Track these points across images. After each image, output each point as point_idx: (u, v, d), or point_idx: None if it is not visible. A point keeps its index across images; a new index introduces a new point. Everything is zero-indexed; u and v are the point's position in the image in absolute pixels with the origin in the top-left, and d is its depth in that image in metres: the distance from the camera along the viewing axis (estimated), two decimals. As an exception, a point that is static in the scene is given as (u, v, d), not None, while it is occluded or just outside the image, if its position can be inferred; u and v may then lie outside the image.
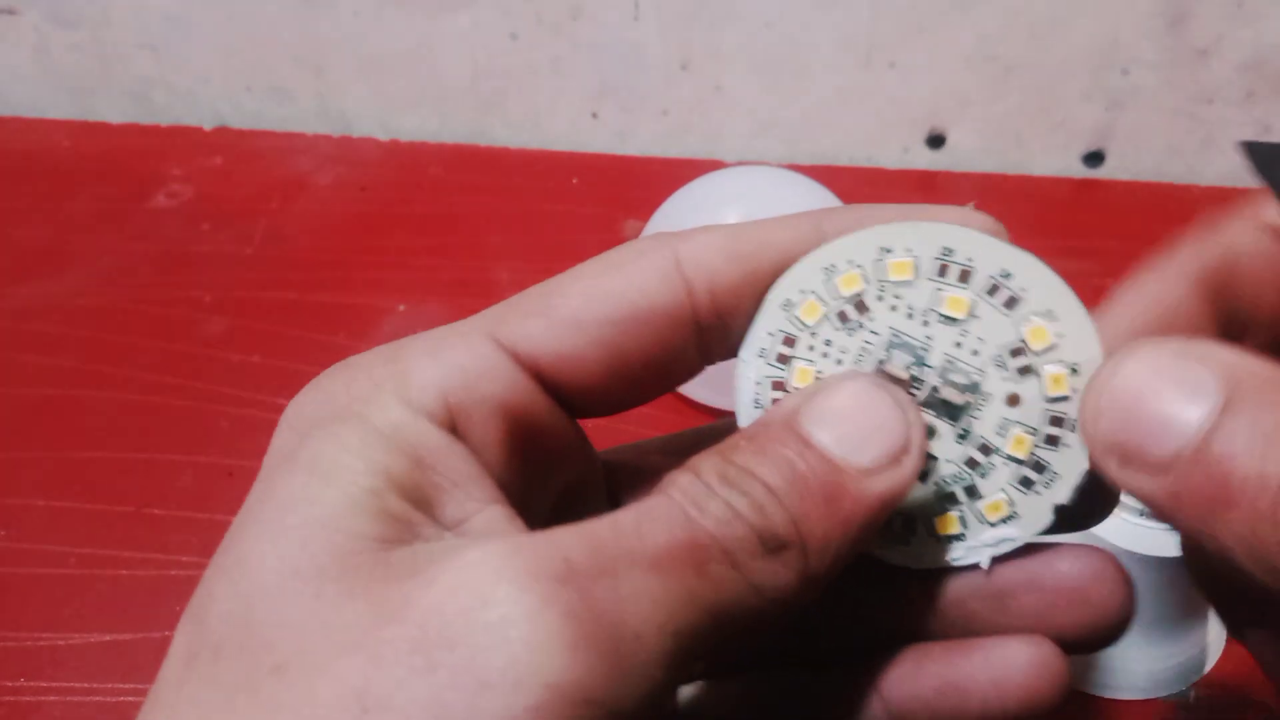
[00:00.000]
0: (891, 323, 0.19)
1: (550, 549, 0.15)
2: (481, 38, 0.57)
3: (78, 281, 0.50)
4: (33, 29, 0.59)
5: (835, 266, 0.19)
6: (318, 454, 0.16)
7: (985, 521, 0.19)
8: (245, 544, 0.16)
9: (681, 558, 0.15)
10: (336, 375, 0.18)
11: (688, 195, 0.42)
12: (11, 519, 0.39)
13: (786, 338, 0.19)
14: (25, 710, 0.33)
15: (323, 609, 0.15)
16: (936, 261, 0.18)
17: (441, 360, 0.18)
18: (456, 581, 0.14)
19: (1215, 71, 0.54)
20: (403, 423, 0.17)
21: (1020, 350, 0.18)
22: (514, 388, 0.18)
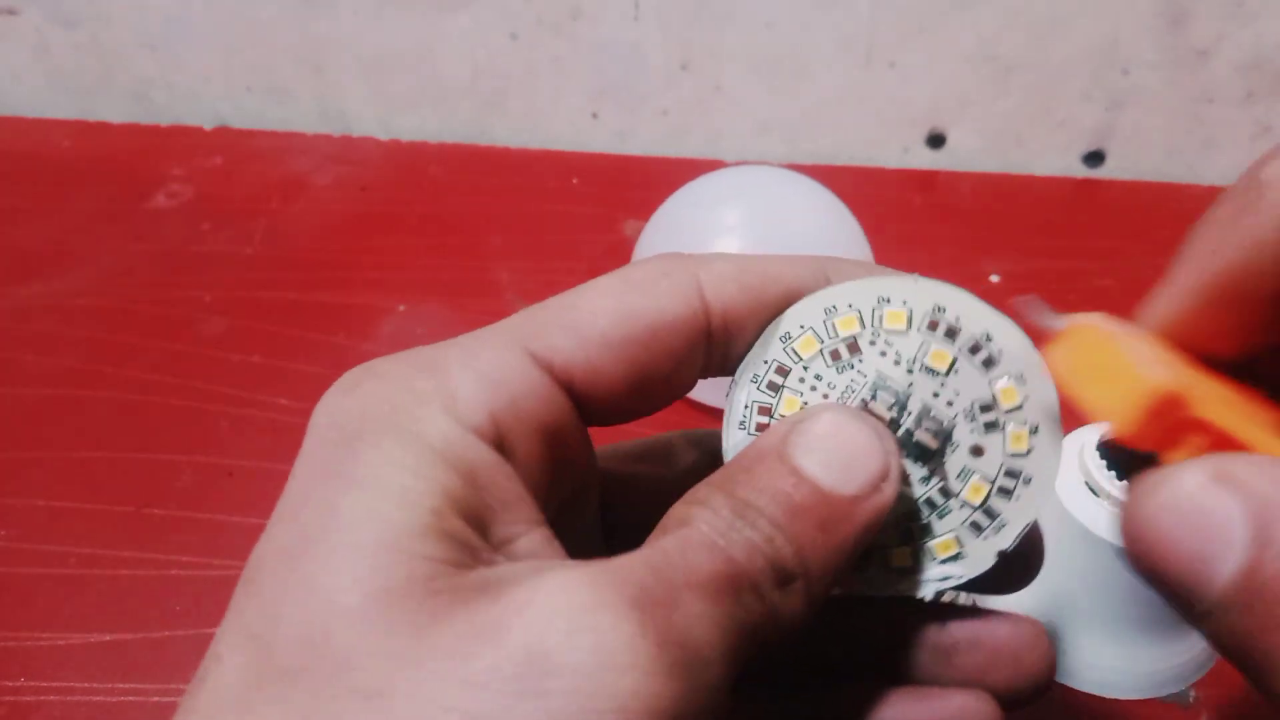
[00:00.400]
0: (879, 366, 0.20)
1: (629, 576, 0.15)
2: (481, 38, 0.57)
3: (78, 281, 0.50)
4: (33, 29, 0.59)
5: (836, 308, 0.20)
6: (379, 471, 0.16)
7: (934, 559, 0.20)
8: (314, 564, 0.15)
9: (725, 586, 0.16)
10: (372, 383, 0.18)
11: (688, 195, 0.42)
12: (11, 519, 0.39)
13: (780, 367, 0.20)
14: (25, 710, 0.33)
15: (412, 634, 0.15)
16: (928, 316, 0.20)
17: (485, 376, 0.18)
18: (553, 606, 0.15)
19: (1215, 71, 0.54)
20: (456, 441, 0.17)
21: (990, 406, 0.20)
22: (551, 405, 0.18)
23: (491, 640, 0.14)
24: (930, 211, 0.55)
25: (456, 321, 0.47)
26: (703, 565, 0.16)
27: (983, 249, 0.52)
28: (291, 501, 0.17)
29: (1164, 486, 0.15)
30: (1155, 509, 0.15)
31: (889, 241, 0.45)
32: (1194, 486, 0.15)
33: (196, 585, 0.37)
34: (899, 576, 0.20)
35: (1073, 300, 0.49)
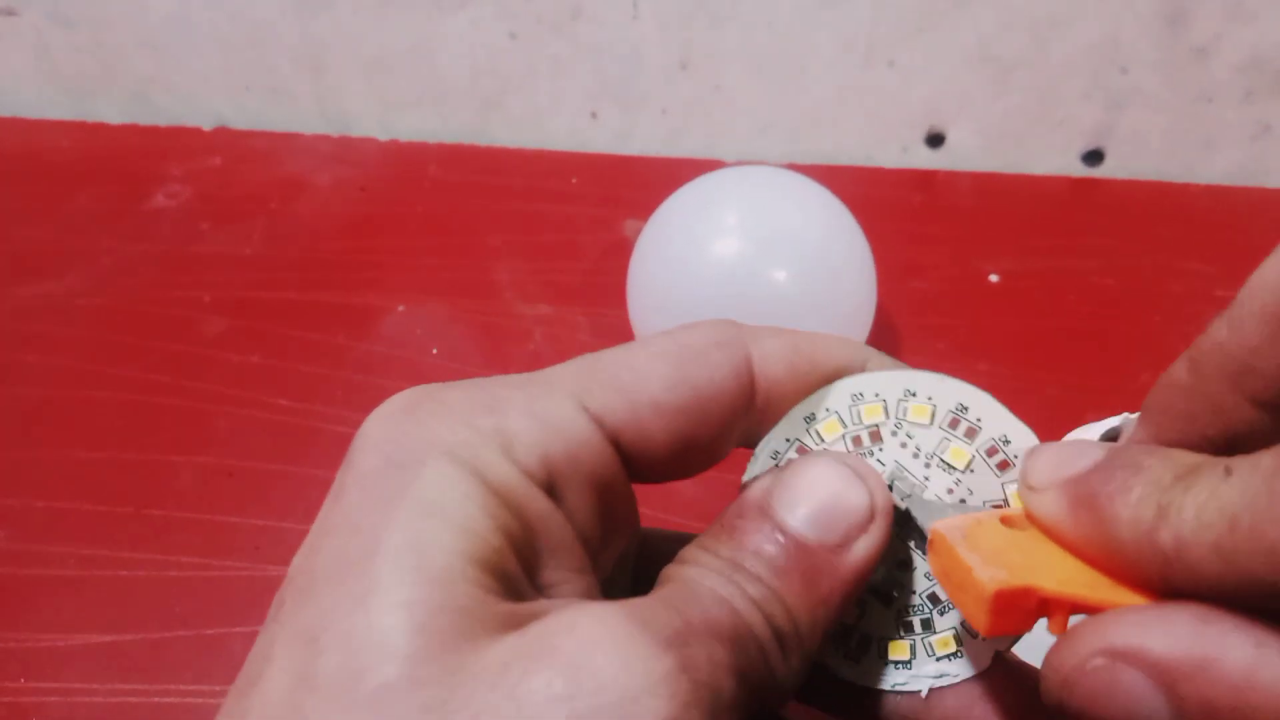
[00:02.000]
0: (898, 457, 0.20)
1: (659, 617, 0.16)
2: (481, 37, 0.57)
3: (78, 281, 0.50)
4: (33, 29, 0.59)
5: (863, 395, 0.21)
6: (445, 499, 0.17)
7: (932, 654, 0.20)
8: (372, 578, 0.16)
9: (735, 636, 0.17)
10: (434, 410, 0.18)
11: (688, 195, 0.42)
12: (11, 519, 0.39)
13: (801, 447, 0.21)
14: (25, 710, 0.33)
15: (467, 653, 0.15)
16: (950, 414, 0.20)
17: (543, 423, 0.18)
18: (599, 631, 0.15)
19: (1215, 71, 0.54)
20: (516, 485, 0.17)
21: (1001, 507, 0.20)
22: (604, 460, 0.19)
23: (544, 660, 0.15)
24: (930, 211, 0.55)
25: (456, 322, 0.47)
26: (717, 616, 0.17)
27: (982, 248, 0.52)
28: (353, 512, 0.17)
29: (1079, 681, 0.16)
30: (1082, 700, 0.16)
31: (889, 241, 0.45)
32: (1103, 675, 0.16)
33: (196, 585, 0.37)
34: (895, 669, 0.21)
35: (1072, 300, 0.49)
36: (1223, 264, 0.51)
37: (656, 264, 0.41)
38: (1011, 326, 0.48)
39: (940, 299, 0.49)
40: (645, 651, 0.15)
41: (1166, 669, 0.15)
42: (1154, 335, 0.47)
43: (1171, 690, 0.15)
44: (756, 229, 0.40)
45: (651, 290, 0.41)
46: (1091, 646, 0.16)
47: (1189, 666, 0.15)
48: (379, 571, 0.16)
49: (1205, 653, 0.15)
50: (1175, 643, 0.15)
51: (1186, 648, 0.15)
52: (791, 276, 0.39)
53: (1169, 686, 0.15)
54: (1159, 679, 0.15)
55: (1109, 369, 0.45)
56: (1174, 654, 0.15)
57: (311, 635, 0.16)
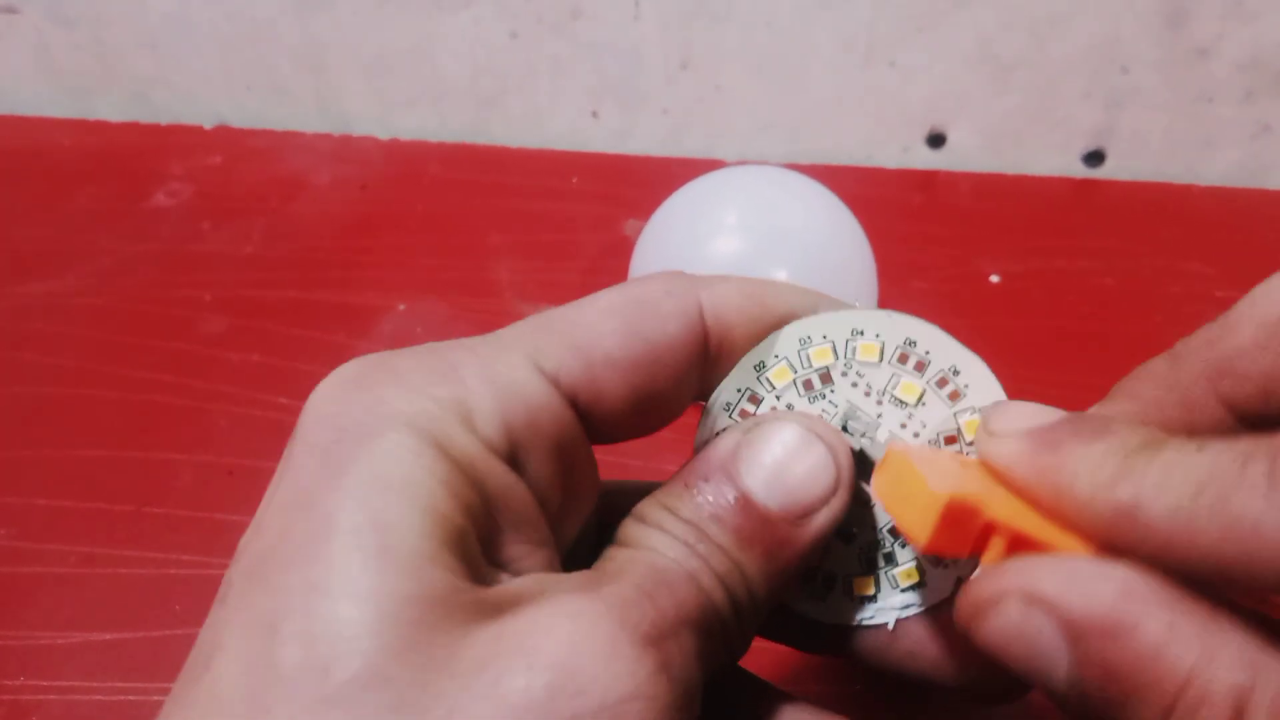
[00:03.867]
0: (850, 397, 0.20)
1: (639, 611, 0.16)
2: (481, 37, 0.57)
3: (78, 281, 0.50)
4: (33, 29, 0.59)
5: (810, 339, 0.20)
6: (405, 474, 0.16)
7: (897, 587, 0.21)
8: (330, 562, 0.15)
9: (703, 619, 0.17)
10: (387, 380, 0.17)
11: (688, 195, 0.42)
12: (11, 518, 0.39)
13: (753, 396, 0.21)
14: (25, 709, 0.33)
15: (439, 648, 0.14)
16: (898, 350, 0.20)
17: (501, 389, 0.17)
18: (580, 633, 0.15)
19: (1215, 71, 0.54)
20: (477, 457, 0.17)
21: (954, 438, 0.20)
22: (563, 422, 0.18)
23: (522, 660, 0.15)
24: (930, 211, 0.55)
25: (456, 321, 0.47)
26: (688, 599, 0.17)
27: (983, 248, 0.52)
28: (306, 489, 0.16)
29: (987, 617, 0.16)
30: (986, 633, 0.16)
31: (889, 241, 0.45)
32: (1012, 613, 0.16)
33: (196, 585, 0.37)
34: (861, 604, 0.21)
35: (1072, 300, 0.49)
36: (1223, 265, 0.51)
37: (656, 264, 0.41)
38: (1011, 327, 0.48)
39: (940, 299, 0.49)
40: (627, 653, 0.15)
41: (1078, 626, 0.15)
42: (1154, 336, 0.47)
43: (1077, 646, 0.15)
44: (757, 228, 0.40)
45: (651, 290, 0.41)
46: (1012, 584, 0.16)
47: (1102, 628, 0.15)
48: (339, 553, 0.15)
49: (1122, 619, 0.15)
50: (1095, 603, 0.15)
51: (1105, 610, 0.15)
52: (792, 276, 0.39)
53: (1075, 642, 0.15)
54: (1068, 633, 0.15)
55: (1109, 369, 0.45)
56: (1090, 613, 0.15)
57: (268, 623, 0.15)
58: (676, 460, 0.20)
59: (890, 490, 0.18)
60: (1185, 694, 0.14)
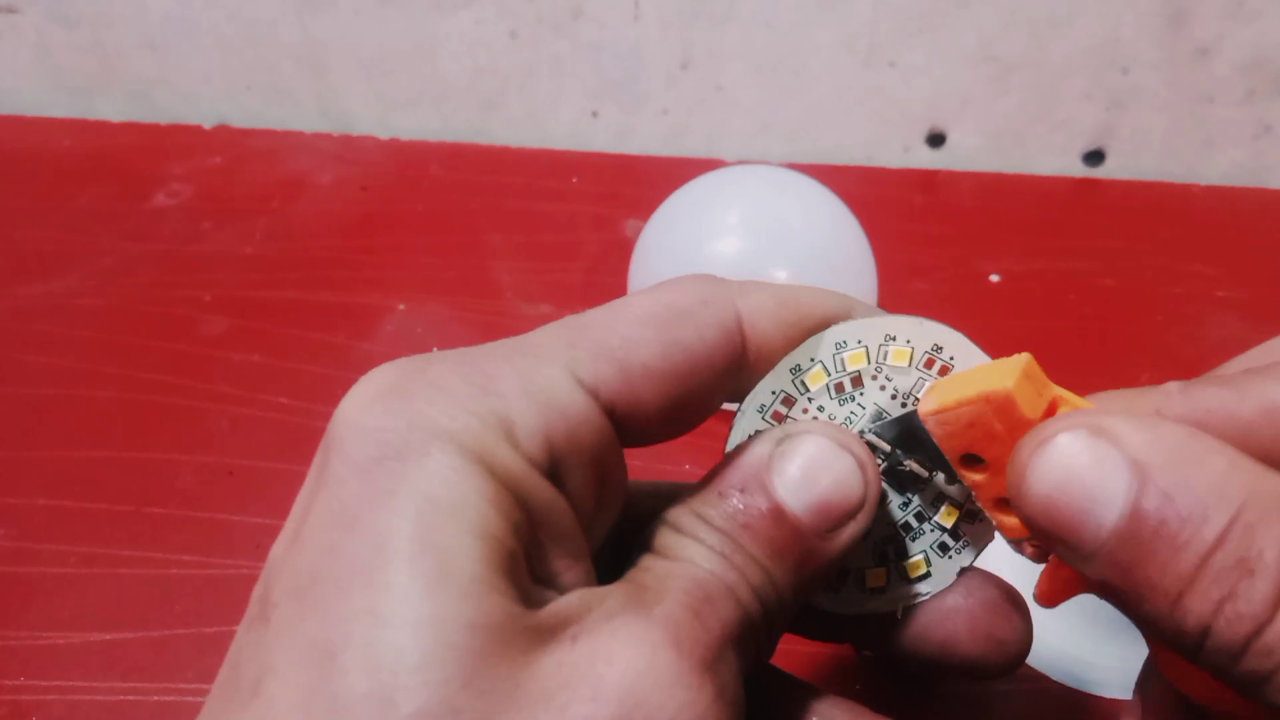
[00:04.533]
0: (877, 400, 0.21)
1: (693, 634, 0.16)
2: (481, 37, 0.57)
3: (78, 281, 0.50)
4: (33, 29, 0.59)
5: (846, 343, 0.21)
6: (456, 495, 0.15)
7: (905, 578, 0.22)
8: (389, 590, 0.14)
9: (743, 634, 0.18)
10: (425, 393, 0.16)
11: (688, 195, 0.42)
12: (11, 518, 0.39)
13: (786, 398, 0.21)
14: (25, 710, 0.33)
15: (502, 678, 0.14)
16: (926, 355, 0.21)
17: (542, 404, 0.17)
18: (642, 662, 0.15)
19: (1215, 71, 0.54)
20: (521, 474, 0.16)
21: None
22: (602, 435, 0.18)
23: (587, 690, 0.15)
24: (930, 211, 0.55)
25: (456, 321, 0.47)
26: (730, 616, 0.17)
27: (983, 248, 0.52)
28: (348, 507, 0.15)
29: (1048, 448, 0.16)
30: (1043, 468, 0.16)
31: (889, 241, 0.45)
32: (1076, 443, 0.16)
33: (196, 585, 0.37)
34: (872, 595, 0.22)
35: (1072, 300, 0.49)
36: (1224, 265, 0.51)
37: (656, 264, 0.41)
38: (1012, 326, 0.48)
39: (941, 299, 0.49)
40: (690, 680, 0.16)
41: (1144, 459, 0.16)
42: (1154, 336, 0.47)
43: (1140, 474, 0.16)
44: (757, 228, 0.40)
45: (652, 290, 0.41)
46: (1078, 421, 0.17)
47: (1169, 460, 0.16)
48: (396, 579, 0.14)
49: (1185, 454, 0.16)
50: (1163, 436, 0.16)
51: (1173, 444, 0.16)
52: (792, 276, 0.39)
53: (1140, 474, 0.16)
54: (1134, 466, 0.16)
55: (1109, 369, 0.45)
56: (1159, 445, 0.16)
57: (326, 649, 0.14)
58: (689, 458, 0.20)
59: (953, 389, 0.19)
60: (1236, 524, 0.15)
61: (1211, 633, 0.15)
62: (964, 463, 0.19)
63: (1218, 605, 0.15)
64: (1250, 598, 0.15)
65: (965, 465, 0.19)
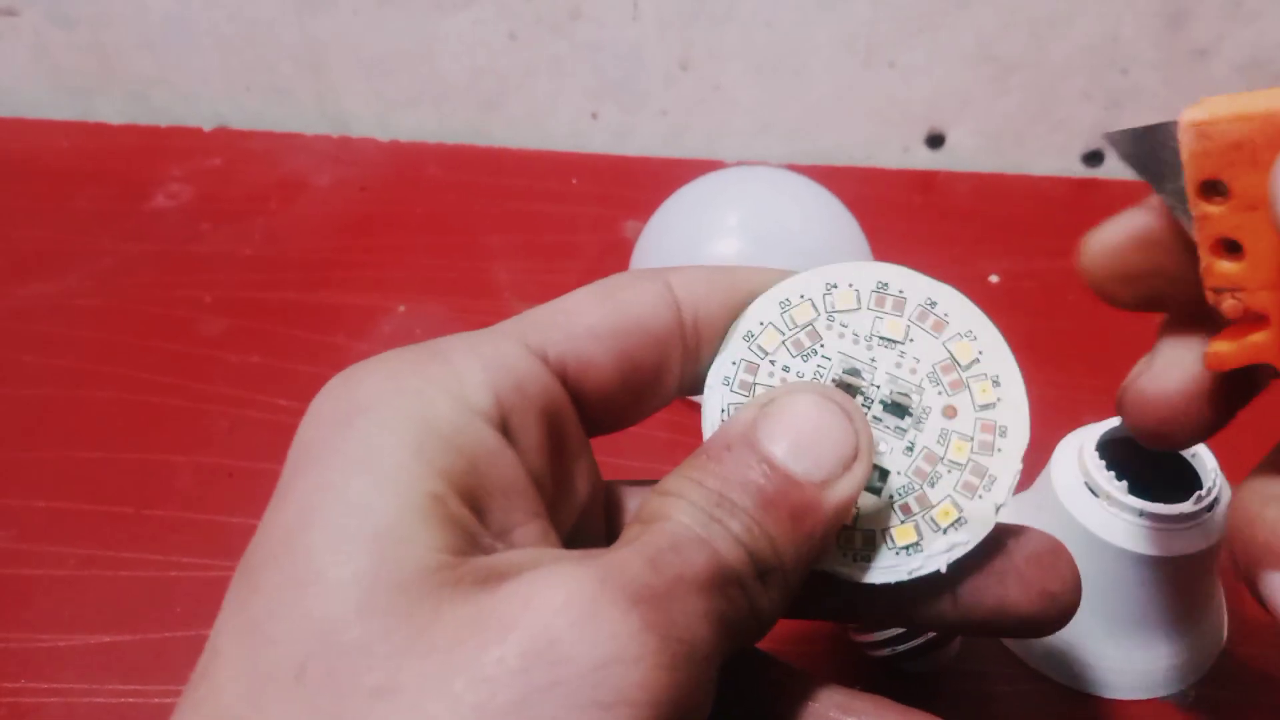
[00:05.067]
0: (840, 348, 0.21)
1: (629, 572, 0.16)
2: (481, 37, 0.57)
3: (78, 281, 0.50)
4: (33, 29, 0.59)
5: (789, 300, 0.21)
6: (376, 451, 0.16)
7: (938, 528, 0.20)
8: (313, 553, 0.15)
9: (715, 582, 0.17)
10: (375, 369, 0.18)
11: (688, 195, 0.42)
12: (11, 519, 0.39)
13: (749, 365, 0.21)
14: (25, 711, 0.33)
15: (416, 627, 0.15)
16: (874, 293, 0.21)
17: (490, 361, 0.18)
18: (559, 599, 0.15)
19: (1215, 71, 0.54)
20: (461, 423, 0.17)
21: (950, 366, 0.21)
22: (550, 391, 0.19)
23: (497, 633, 0.14)
24: (930, 211, 0.55)
25: (456, 321, 0.47)
26: (696, 561, 0.17)
27: (983, 249, 0.52)
28: (288, 486, 0.16)
29: None
30: None
31: (889, 241, 0.45)
32: None
33: (196, 586, 0.37)
34: (908, 555, 0.21)
35: (1072, 300, 0.49)
36: (1223, 264, 0.51)
37: (656, 265, 0.41)
38: (1011, 327, 0.48)
39: (940, 299, 0.49)
40: (610, 614, 0.15)
41: None
42: (1154, 336, 0.47)
43: None
44: (756, 229, 0.40)
45: (651, 290, 0.41)
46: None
47: None
48: (315, 545, 0.15)
49: None
50: None
51: None
52: (791, 277, 0.39)
53: None
54: None
55: (1109, 369, 0.45)
56: None
57: (255, 622, 0.15)
58: (676, 460, 0.20)
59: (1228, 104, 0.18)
60: None
61: None
62: (1203, 190, 0.18)
63: None
64: None
65: (1203, 193, 0.18)
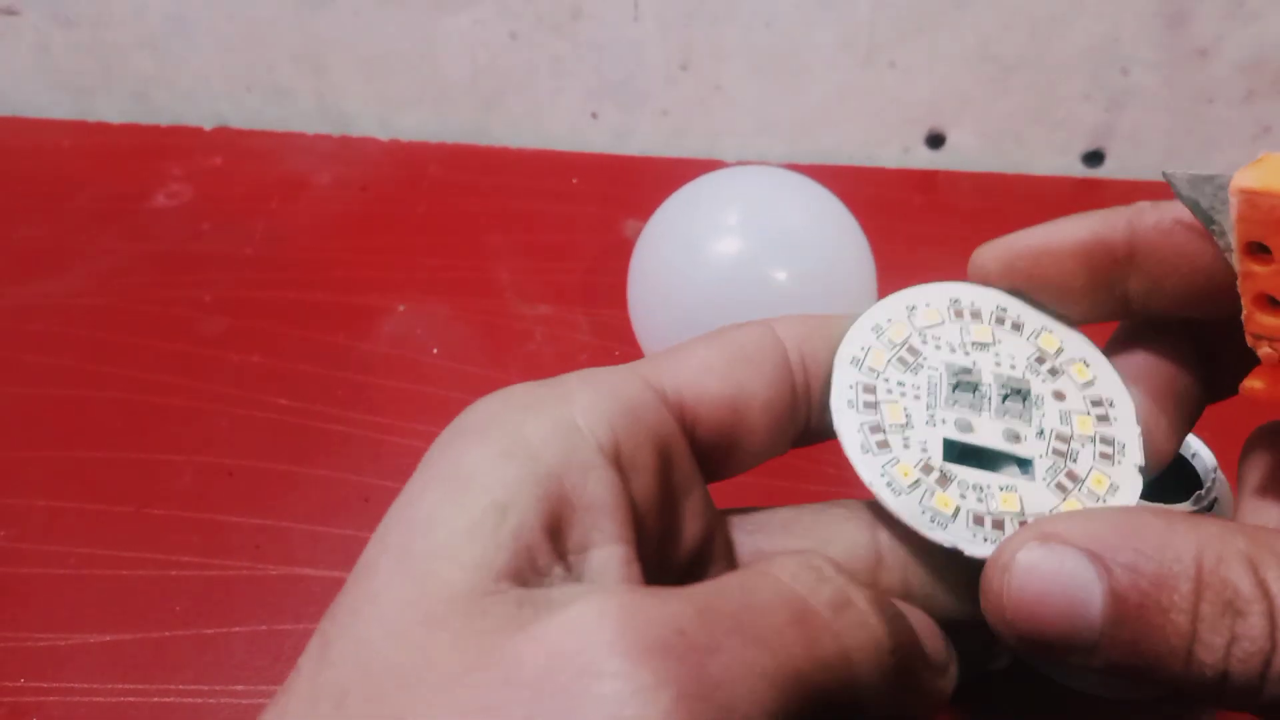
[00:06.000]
0: (942, 358, 0.22)
1: (665, 616, 0.15)
2: (481, 37, 0.57)
3: (78, 281, 0.50)
4: (33, 29, 0.59)
5: (880, 325, 0.22)
6: (455, 467, 0.17)
7: (1099, 497, 0.21)
8: (374, 575, 0.16)
9: (794, 637, 0.16)
10: (499, 394, 0.19)
11: (688, 195, 0.42)
12: (11, 519, 0.39)
13: (866, 386, 0.22)
14: (25, 710, 0.33)
15: (434, 659, 0.15)
16: (950, 308, 0.23)
17: (605, 389, 0.19)
18: (570, 645, 0.14)
19: (1215, 71, 0.54)
20: (555, 438, 0.17)
21: (1042, 358, 0.22)
22: (664, 423, 0.19)
23: (502, 672, 0.14)
24: (930, 211, 0.55)
25: (456, 321, 0.47)
26: (772, 617, 0.16)
27: (983, 249, 0.52)
28: (393, 506, 0.18)
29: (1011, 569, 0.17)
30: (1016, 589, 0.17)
31: (889, 241, 0.45)
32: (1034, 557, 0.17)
33: (196, 585, 0.37)
34: None
35: (1073, 300, 0.49)
36: (1223, 264, 0.51)
37: (656, 264, 0.41)
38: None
39: (940, 299, 0.49)
40: (618, 665, 0.14)
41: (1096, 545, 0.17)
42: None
43: (1100, 561, 0.16)
44: (756, 229, 0.40)
45: (651, 290, 0.41)
46: (1025, 536, 0.17)
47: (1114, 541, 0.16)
48: (382, 566, 0.16)
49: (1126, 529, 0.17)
50: (1099, 528, 0.17)
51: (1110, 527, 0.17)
52: (791, 276, 0.39)
53: (1098, 558, 0.16)
54: (1090, 555, 0.17)
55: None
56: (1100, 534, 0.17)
57: (326, 645, 0.16)
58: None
59: None
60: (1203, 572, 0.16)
61: (1229, 676, 0.16)
62: (1249, 249, 0.19)
63: (1225, 651, 0.16)
64: (1250, 635, 0.15)
65: (1249, 252, 0.19)
